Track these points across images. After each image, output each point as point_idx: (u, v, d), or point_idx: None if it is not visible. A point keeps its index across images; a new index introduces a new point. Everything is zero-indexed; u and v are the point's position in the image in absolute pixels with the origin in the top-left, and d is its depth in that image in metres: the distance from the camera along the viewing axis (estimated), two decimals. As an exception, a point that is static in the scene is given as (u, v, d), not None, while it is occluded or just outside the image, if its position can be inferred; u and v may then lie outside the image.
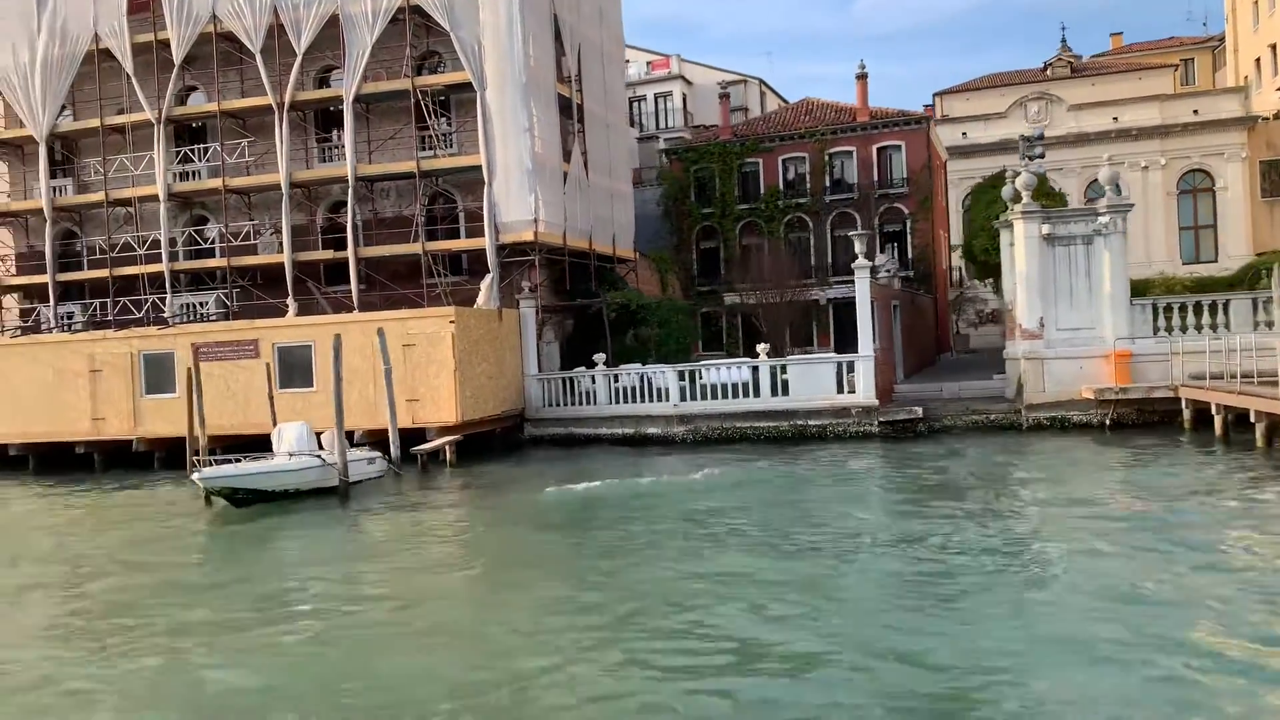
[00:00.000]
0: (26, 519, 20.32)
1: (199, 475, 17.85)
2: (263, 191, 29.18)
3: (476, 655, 9.60)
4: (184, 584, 13.52)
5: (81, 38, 29.09)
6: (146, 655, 10.20)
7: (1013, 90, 56.03)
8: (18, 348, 27.30)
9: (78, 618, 11.95)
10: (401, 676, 9.16)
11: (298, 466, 18.92)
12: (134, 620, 11.53)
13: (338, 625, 10.97)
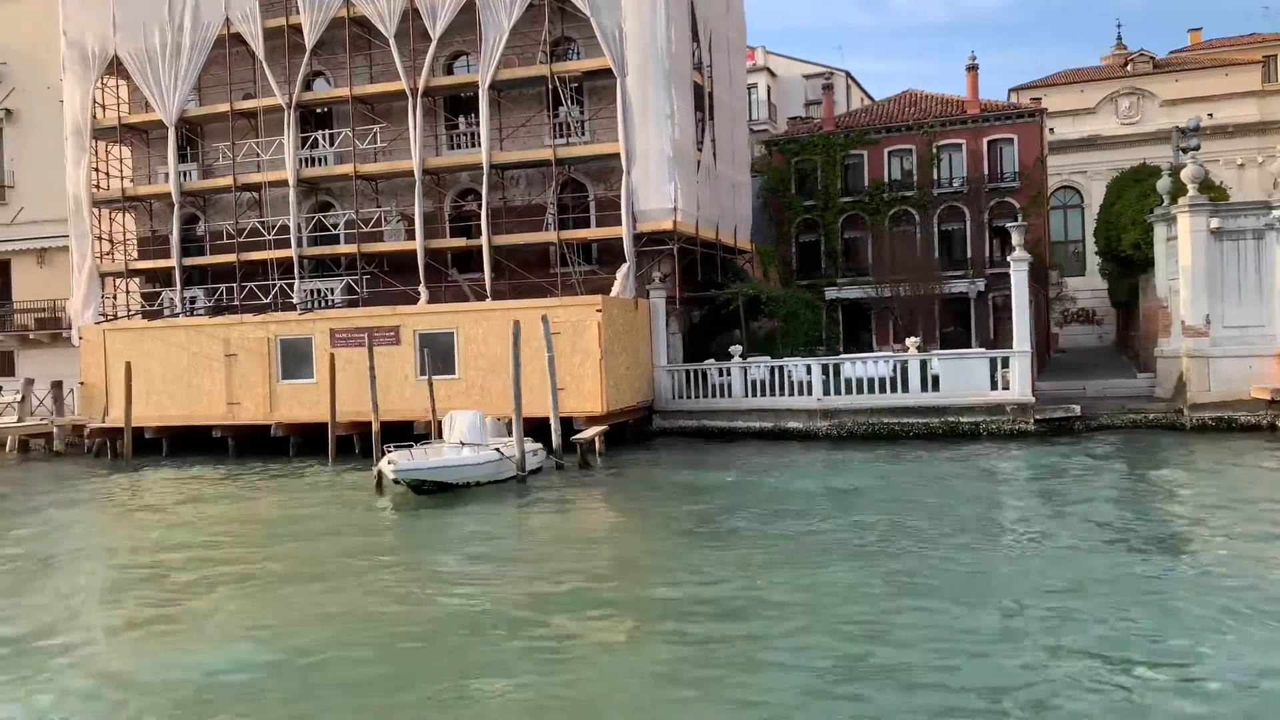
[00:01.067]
0: (224, 503, 20.10)
1: (394, 469, 17.50)
2: (390, 178, 29.00)
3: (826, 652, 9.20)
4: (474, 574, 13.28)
5: (213, 23, 29.06)
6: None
7: (1095, 86, 54.87)
8: (152, 331, 27.34)
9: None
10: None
11: (483, 460, 18.62)
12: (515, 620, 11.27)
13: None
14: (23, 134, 36.31)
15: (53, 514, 19.56)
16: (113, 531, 17.24)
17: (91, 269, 30.43)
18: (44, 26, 35.30)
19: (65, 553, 15.43)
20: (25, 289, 36.35)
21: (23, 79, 36.09)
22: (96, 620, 11.66)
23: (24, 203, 36.40)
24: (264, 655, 9.85)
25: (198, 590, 12.51)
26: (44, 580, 13.67)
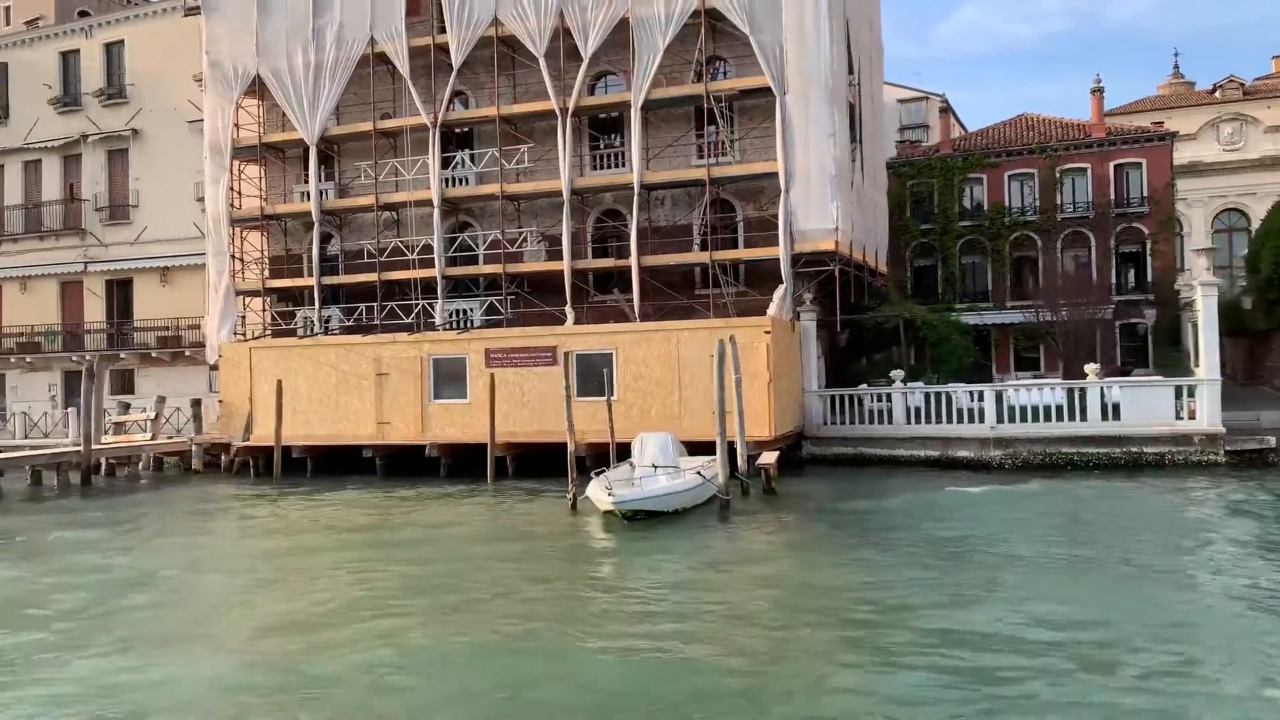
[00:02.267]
0: (408, 527, 19.62)
1: (615, 501, 16.86)
2: (533, 199, 28.75)
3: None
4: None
5: (357, 42, 29.09)
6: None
7: (1185, 114, 53.62)
8: (300, 349, 27.16)
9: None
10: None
11: (691, 485, 18.02)
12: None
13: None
14: (148, 154, 36.68)
15: (224, 534, 19.30)
16: (304, 555, 16.64)
17: (228, 287, 30.41)
18: (172, 48, 35.79)
19: (258, 574, 14.98)
20: (147, 307, 36.55)
21: (149, 100, 36.52)
22: (322, 660, 10.87)
23: (147, 222, 36.72)
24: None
25: (425, 620, 11.67)
26: (254, 597, 13.29)
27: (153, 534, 19.14)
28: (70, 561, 16.25)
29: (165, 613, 12.70)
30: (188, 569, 15.70)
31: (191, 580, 14.87)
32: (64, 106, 37.79)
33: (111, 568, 15.73)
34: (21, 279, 38.42)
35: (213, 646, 10.97)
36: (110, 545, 17.67)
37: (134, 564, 16.08)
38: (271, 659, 10.39)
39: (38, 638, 11.44)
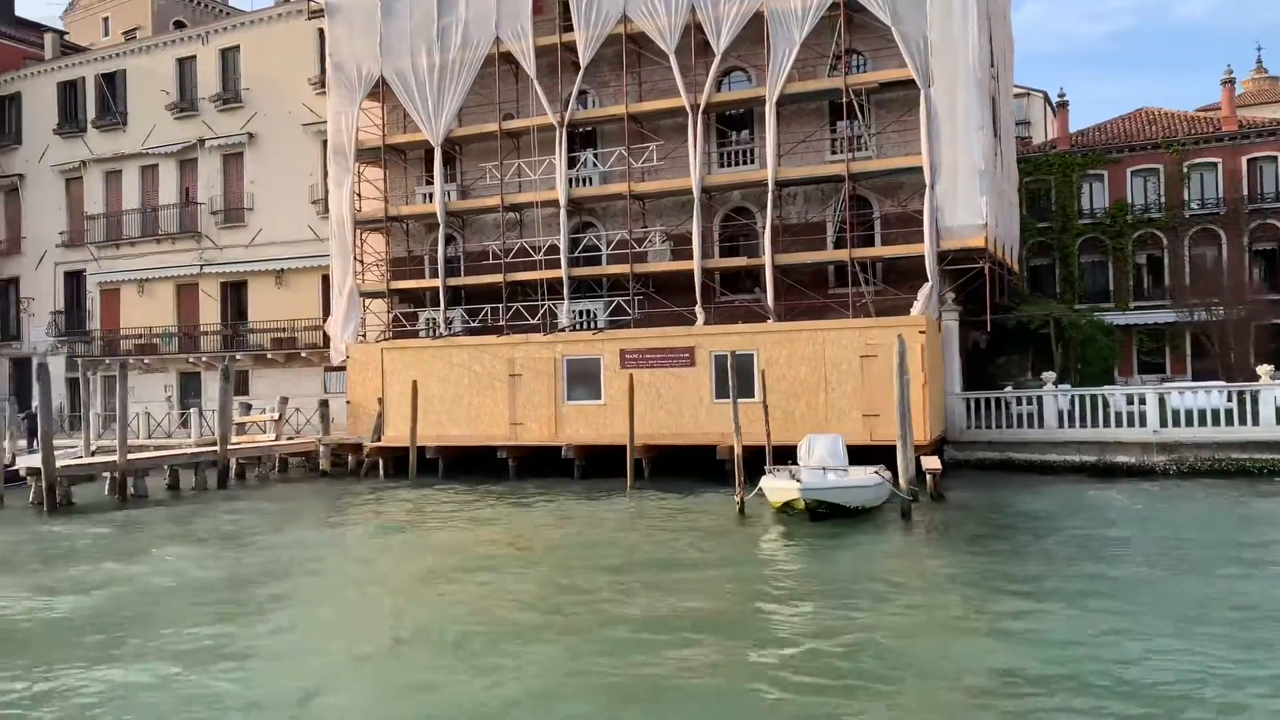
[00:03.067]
0: (564, 525, 19.30)
1: (803, 487, 16.41)
2: (659, 198, 28.36)
3: None
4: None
5: (482, 41, 28.97)
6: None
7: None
8: (433, 350, 27.10)
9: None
10: None
11: (873, 483, 17.45)
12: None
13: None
14: (262, 157, 37.07)
15: (369, 536, 19.06)
16: (459, 555, 16.26)
17: (352, 289, 30.51)
18: (287, 53, 36.16)
19: (432, 576, 14.68)
20: (261, 309, 36.92)
21: (264, 104, 36.90)
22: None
23: (262, 224, 37.09)
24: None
25: (618, 644, 10.72)
26: (421, 604, 12.90)
27: (320, 532, 19.09)
28: (272, 554, 16.18)
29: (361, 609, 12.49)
30: (364, 563, 15.52)
31: (363, 574, 14.67)
32: (180, 112, 38.40)
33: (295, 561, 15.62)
34: (139, 281, 39.13)
35: (377, 675, 10.50)
36: (283, 541, 17.63)
37: (318, 559, 15.96)
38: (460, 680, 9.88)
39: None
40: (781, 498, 16.80)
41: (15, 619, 12.65)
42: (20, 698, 9.35)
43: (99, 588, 14.28)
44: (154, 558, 16.58)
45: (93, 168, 40.47)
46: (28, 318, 42.02)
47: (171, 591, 14.08)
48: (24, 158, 42.25)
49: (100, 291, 40.24)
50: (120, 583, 14.64)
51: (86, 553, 17.32)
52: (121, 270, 39.56)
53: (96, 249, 40.23)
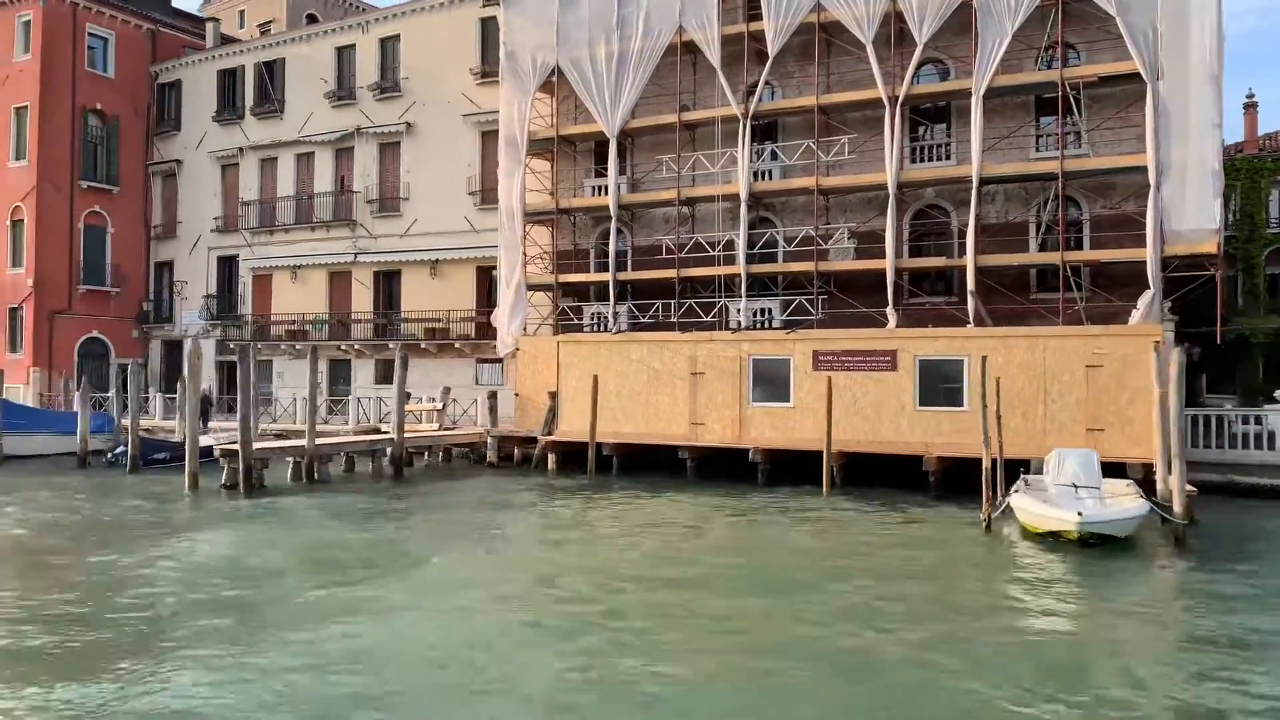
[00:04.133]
0: (767, 527, 18.53)
1: (1082, 521, 15.09)
2: (846, 193, 27.28)
3: None
4: None
5: (664, 31, 28.27)
6: None
7: None
8: (610, 344, 26.50)
9: None
10: None
11: (1143, 510, 16.10)
12: None
13: None
14: (419, 147, 37.08)
15: (574, 530, 18.39)
16: (674, 564, 15.35)
17: (520, 282, 30.12)
18: (447, 42, 36.07)
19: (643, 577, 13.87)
20: (414, 299, 36.94)
21: (422, 93, 36.92)
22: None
23: (417, 214, 37.12)
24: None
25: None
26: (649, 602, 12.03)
27: (540, 521, 18.58)
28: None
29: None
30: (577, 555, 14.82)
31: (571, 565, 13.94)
32: (338, 100, 38.71)
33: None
34: (292, 268, 39.58)
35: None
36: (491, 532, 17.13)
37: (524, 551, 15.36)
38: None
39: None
40: (1048, 526, 15.54)
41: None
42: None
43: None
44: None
45: (249, 154, 41.13)
46: (181, 300, 42.94)
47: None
48: (182, 144, 43.21)
49: (253, 277, 40.87)
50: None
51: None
52: (275, 256, 40.10)
53: (250, 235, 40.88)
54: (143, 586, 13.56)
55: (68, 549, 16.43)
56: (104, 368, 41.16)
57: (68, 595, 13.00)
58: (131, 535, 17.64)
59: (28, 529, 18.64)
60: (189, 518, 19.78)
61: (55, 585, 13.72)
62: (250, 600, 12.74)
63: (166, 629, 11.33)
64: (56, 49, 40.40)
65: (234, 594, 13.01)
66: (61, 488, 24.09)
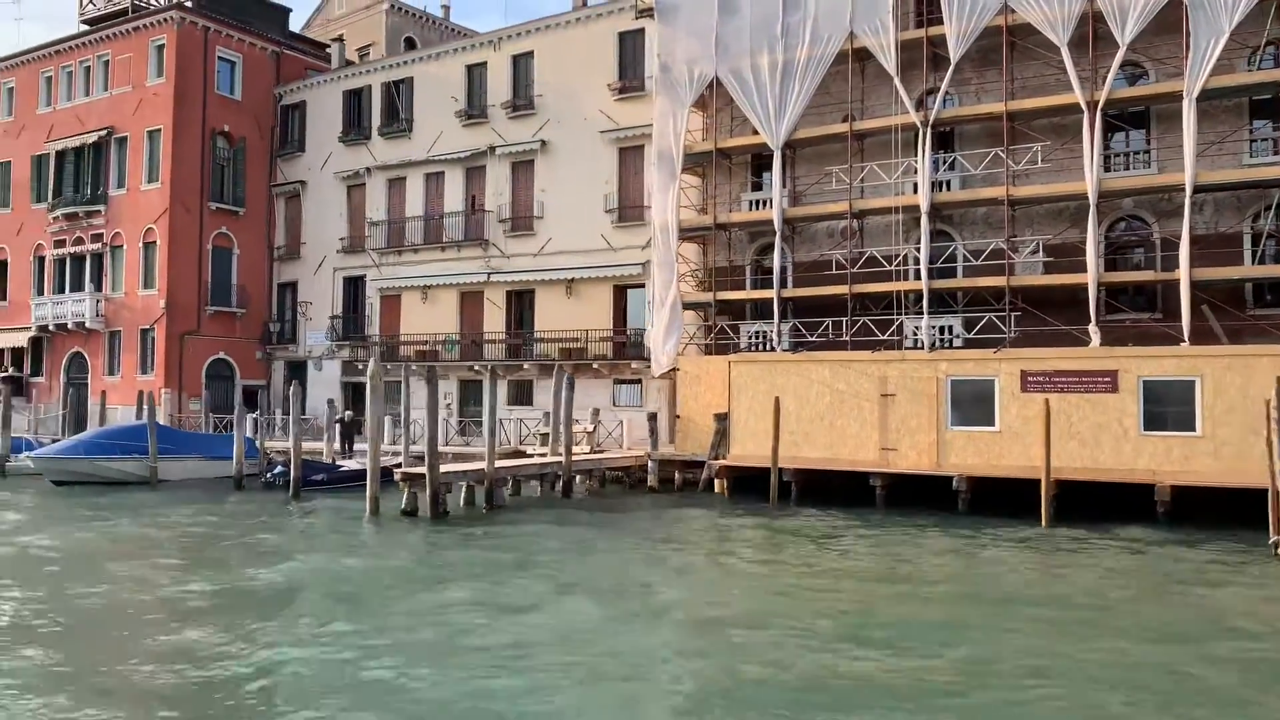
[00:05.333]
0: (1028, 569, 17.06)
1: None
2: (1033, 204, 25.82)
3: None
4: None
5: (834, 38, 27.18)
6: None
7: None
8: (787, 365, 25.29)
9: None
10: None
11: None
12: None
13: None
14: (554, 165, 36.42)
15: (793, 566, 17.10)
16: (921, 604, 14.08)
17: (675, 299, 29.10)
18: (584, 58, 35.39)
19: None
20: (549, 319, 36.15)
21: (557, 110, 36.28)
22: None
23: (551, 233, 36.39)
24: None
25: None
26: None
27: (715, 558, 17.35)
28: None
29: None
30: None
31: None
32: (469, 119, 38.26)
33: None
34: (422, 289, 39.11)
35: None
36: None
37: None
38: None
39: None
40: None
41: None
42: None
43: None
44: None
45: (376, 175, 40.89)
46: (305, 321, 42.77)
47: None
48: (306, 165, 43.20)
49: (380, 297, 40.51)
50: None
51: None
52: (403, 276, 39.69)
53: (378, 255, 40.55)
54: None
55: (364, 595, 14.44)
56: (229, 389, 41.04)
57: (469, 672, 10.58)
58: (409, 583, 15.36)
59: (286, 572, 16.31)
60: (442, 561, 17.46)
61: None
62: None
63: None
64: (188, 72, 40.70)
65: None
66: (245, 516, 23.06)
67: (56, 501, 25.90)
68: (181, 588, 14.73)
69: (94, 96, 43.10)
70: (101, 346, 41.83)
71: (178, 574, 15.98)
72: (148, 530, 20.98)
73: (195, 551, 18.45)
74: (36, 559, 17.57)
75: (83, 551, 18.45)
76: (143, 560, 17.32)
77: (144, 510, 23.71)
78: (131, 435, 29.06)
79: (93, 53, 43.17)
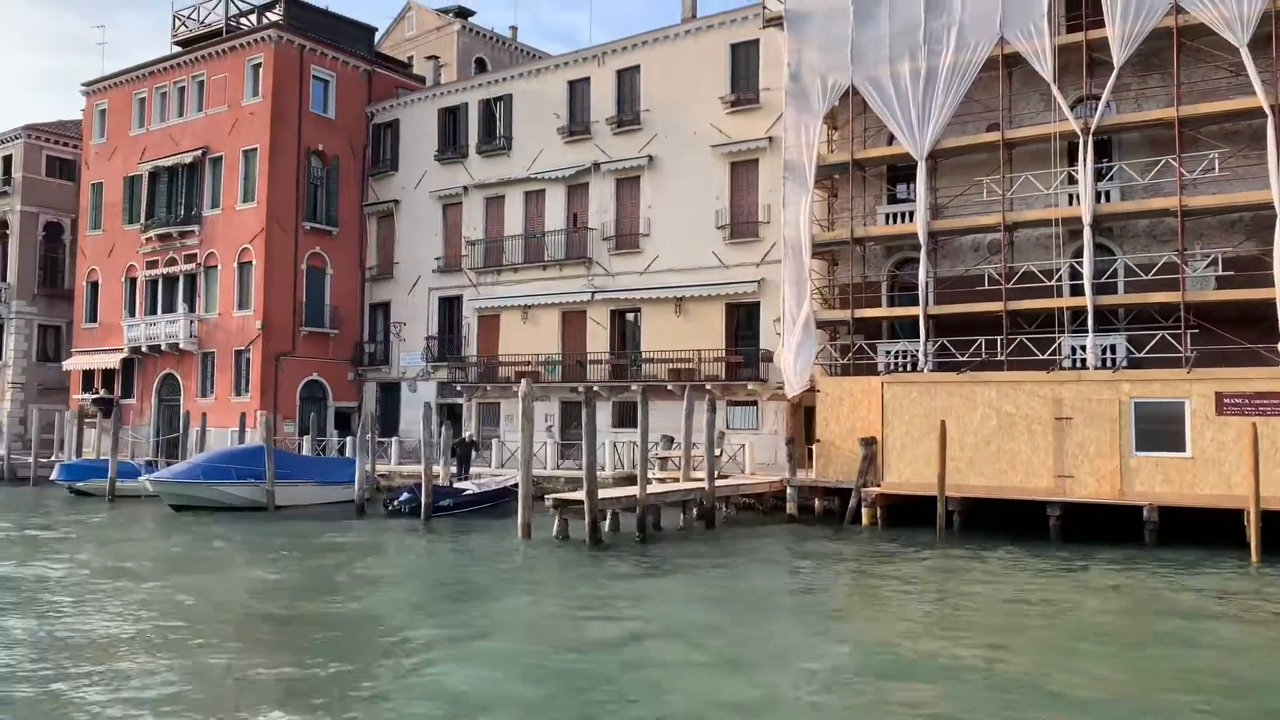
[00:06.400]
0: None
1: None
2: (1205, 215, 24.31)
3: None
4: None
5: (983, 43, 25.93)
6: None
7: None
8: (948, 386, 23.88)
9: None
10: None
11: None
12: None
13: None
14: (661, 180, 35.42)
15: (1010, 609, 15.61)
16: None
17: (808, 317, 27.84)
18: (694, 71, 34.43)
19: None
20: (655, 338, 35.02)
21: (664, 125, 35.32)
22: None
23: (659, 250, 35.34)
24: None
25: None
26: None
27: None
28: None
29: None
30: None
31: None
32: (571, 136, 37.42)
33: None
34: (522, 308, 38.19)
35: None
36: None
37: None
38: None
39: None
40: None
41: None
42: None
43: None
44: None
45: (473, 193, 40.16)
46: (398, 342, 42.03)
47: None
48: (400, 184, 42.62)
49: (478, 317, 39.65)
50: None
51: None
52: (502, 296, 38.82)
53: (475, 274, 39.74)
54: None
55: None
56: (322, 411, 40.31)
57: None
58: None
59: (521, 614, 14.58)
60: (650, 597, 15.92)
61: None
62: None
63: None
64: (285, 91, 40.34)
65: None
66: (403, 549, 22.14)
67: (188, 529, 24.66)
68: (484, 642, 12.92)
69: (188, 117, 42.90)
70: (195, 368, 41.37)
71: (456, 629, 13.61)
72: (323, 563, 19.58)
73: (429, 590, 17.18)
74: (248, 606, 15.46)
75: (307, 589, 16.85)
76: (389, 600, 15.83)
77: (299, 540, 22.45)
78: (247, 458, 28.27)
79: (188, 73, 43.04)
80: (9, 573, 18.00)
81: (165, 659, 11.55)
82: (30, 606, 14.76)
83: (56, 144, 50.89)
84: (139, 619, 13.90)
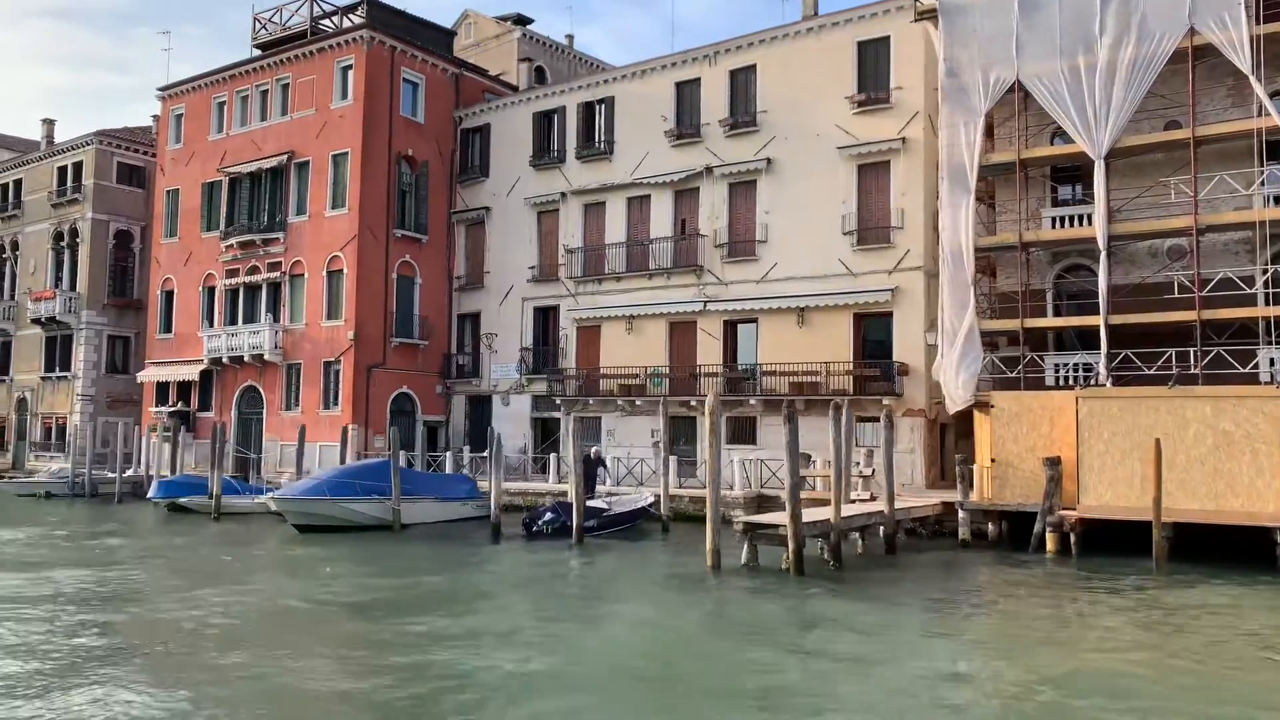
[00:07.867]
0: None
1: None
2: None
3: None
4: None
5: (1169, 34, 24.23)
6: None
7: None
8: (1152, 401, 22.03)
9: None
10: None
11: None
12: None
13: None
14: (779, 185, 33.78)
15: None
16: None
17: (972, 327, 26.05)
18: (817, 70, 32.87)
19: None
20: (773, 350, 33.28)
21: (783, 126, 33.71)
22: None
23: (777, 258, 33.65)
24: None
25: None
26: None
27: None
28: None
29: None
30: None
31: None
32: (679, 139, 35.84)
33: None
34: (626, 318, 36.53)
35: None
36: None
37: None
38: None
39: None
40: None
41: None
42: None
43: None
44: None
45: (571, 200, 38.59)
46: (490, 354, 40.40)
47: None
48: (490, 190, 41.12)
49: (576, 328, 38.00)
50: None
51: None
52: (603, 306, 37.18)
53: (574, 284, 38.12)
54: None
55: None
56: (410, 424, 38.62)
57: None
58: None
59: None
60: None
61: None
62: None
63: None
64: (376, 94, 38.94)
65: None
66: (580, 577, 20.26)
67: (333, 550, 22.89)
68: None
69: (272, 120, 41.55)
70: (279, 380, 39.80)
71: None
72: (543, 596, 17.54)
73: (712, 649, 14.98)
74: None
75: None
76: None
77: (482, 570, 20.56)
78: (371, 474, 26.58)
79: (271, 76, 41.70)
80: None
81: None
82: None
83: (127, 150, 49.65)
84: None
